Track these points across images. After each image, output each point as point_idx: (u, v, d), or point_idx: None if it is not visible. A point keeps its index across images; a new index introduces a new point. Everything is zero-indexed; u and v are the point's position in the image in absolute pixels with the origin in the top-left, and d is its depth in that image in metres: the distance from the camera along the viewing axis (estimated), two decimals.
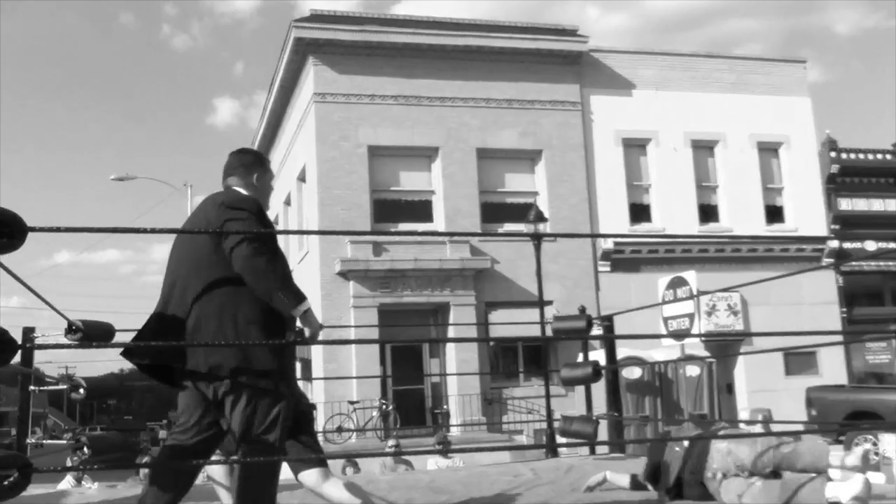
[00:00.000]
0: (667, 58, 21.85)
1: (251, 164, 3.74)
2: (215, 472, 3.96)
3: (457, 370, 17.93)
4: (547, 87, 20.35)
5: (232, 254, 3.26)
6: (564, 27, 21.37)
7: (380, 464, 9.72)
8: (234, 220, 3.36)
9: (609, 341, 7.96)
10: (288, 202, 23.65)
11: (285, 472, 3.68)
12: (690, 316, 12.44)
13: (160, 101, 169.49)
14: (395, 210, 19.36)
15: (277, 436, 3.31)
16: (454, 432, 17.56)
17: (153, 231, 3.35)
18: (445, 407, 18.50)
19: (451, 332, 18.36)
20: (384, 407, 17.34)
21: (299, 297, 3.28)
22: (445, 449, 9.38)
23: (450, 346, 18.71)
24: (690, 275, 13.01)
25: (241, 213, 3.39)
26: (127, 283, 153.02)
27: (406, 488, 5.16)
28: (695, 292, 12.04)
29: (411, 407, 18.20)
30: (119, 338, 4.68)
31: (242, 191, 3.62)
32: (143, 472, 11.88)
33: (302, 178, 21.08)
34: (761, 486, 4.09)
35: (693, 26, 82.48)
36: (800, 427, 13.86)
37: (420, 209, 19.51)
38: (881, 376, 22.13)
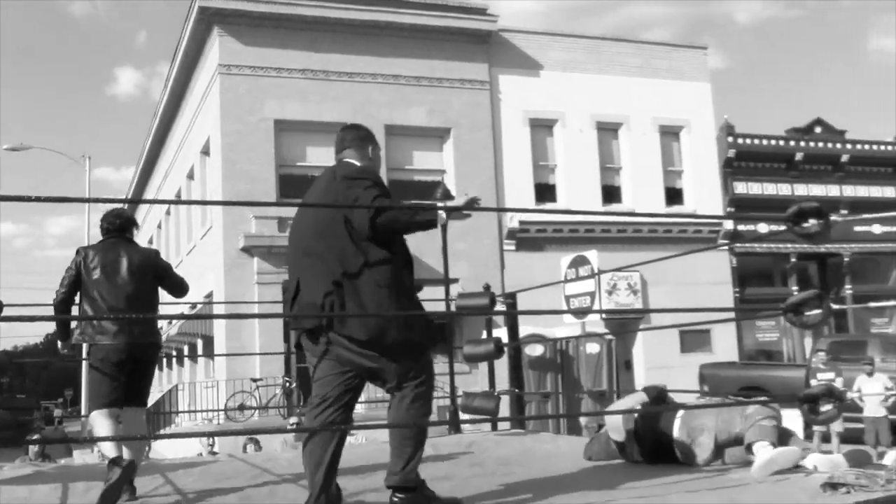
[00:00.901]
0: (574, 40, 22.14)
1: (365, 138, 4.07)
2: None
3: None
4: (456, 66, 20.37)
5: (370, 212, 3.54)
6: (474, 6, 21.39)
7: (281, 441, 9.66)
8: (360, 189, 3.62)
9: (511, 318, 8.06)
10: (191, 176, 23.07)
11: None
12: (591, 294, 12.73)
13: (58, 70, 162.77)
14: (301, 185, 19.00)
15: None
16: (359, 409, 17.56)
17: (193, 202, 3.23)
18: None
19: None
20: (287, 384, 17.18)
21: (432, 213, 3.71)
22: (347, 426, 9.37)
23: None
24: (592, 254, 13.30)
25: (365, 182, 3.67)
26: (23, 256, 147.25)
27: None
28: (595, 271, 12.32)
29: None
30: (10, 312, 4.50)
31: (357, 163, 3.90)
32: (33, 450, 11.50)
33: (206, 151, 20.60)
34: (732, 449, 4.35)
35: (601, 10, 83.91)
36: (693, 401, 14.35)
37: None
38: (770, 353, 23.19)
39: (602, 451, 4.88)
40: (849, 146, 24.35)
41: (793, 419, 12.76)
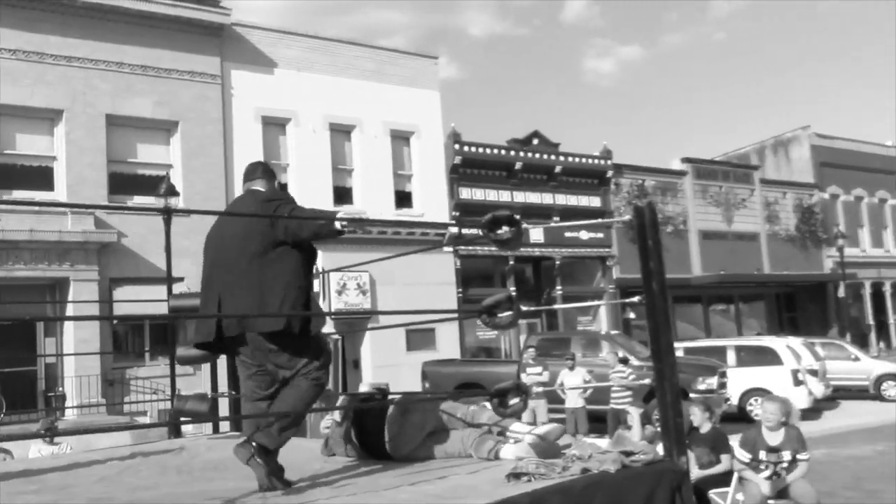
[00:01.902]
0: (309, 40, 22.14)
1: (272, 172, 4.57)
2: None
3: (75, 350, 16.78)
4: (185, 57, 19.65)
5: (288, 223, 3.99)
6: None
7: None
8: (282, 203, 4.08)
9: None
10: None
11: None
12: (316, 294, 12.81)
13: None
14: (8, 176, 17.57)
15: None
16: (70, 416, 16.46)
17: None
18: (61, 389, 17.24)
19: (70, 310, 17.11)
20: None
21: (332, 219, 4.04)
22: (52, 433, 8.80)
23: (68, 325, 17.42)
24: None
25: (287, 199, 4.18)
26: None
27: None
28: (320, 270, 12.42)
29: (20, 390, 16.69)
30: None
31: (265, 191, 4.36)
32: None
33: None
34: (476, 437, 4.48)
35: (341, 12, 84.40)
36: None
37: (39, 176, 17.91)
38: (490, 350, 24.59)
39: (340, 448, 4.92)
40: (562, 158, 26.33)
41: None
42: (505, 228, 4.26)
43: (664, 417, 4.14)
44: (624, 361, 14.21)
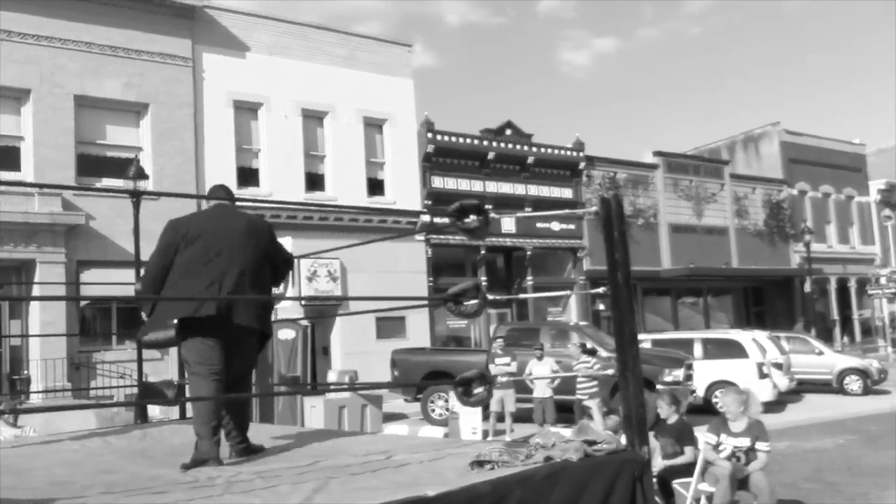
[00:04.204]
0: (282, 24, 21.98)
1: None
2: None
3: (41, 332, 16.59)
4: (157, 39, 19.44)
5: (287, 256, 4.95)
6: None
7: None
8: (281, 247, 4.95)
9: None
10: None
11: None
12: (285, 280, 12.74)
13: None
14: None
15: None
16: (35, 400, 16.28)
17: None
18: (26, 372, 17.05)
19: (36, 292, 16.89)
20: None
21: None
22: (14, 409, 8.71)
23: (34, 307, 17.22)
24: (286, 240, 13.32)
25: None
26: None
27: None
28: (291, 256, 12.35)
29: None
30: None
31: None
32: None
33: None
34: None
35: None
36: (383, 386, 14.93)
37: (5, 156, 17.64)
38: (460, 339, 24.64)
39: None
40: (534, 149, 26.38)
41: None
42: (472, 217, 4.27)
43: (627, 408, 4.18)
44: (591, 353, 14.29)
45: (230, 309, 4.43)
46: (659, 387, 14.17)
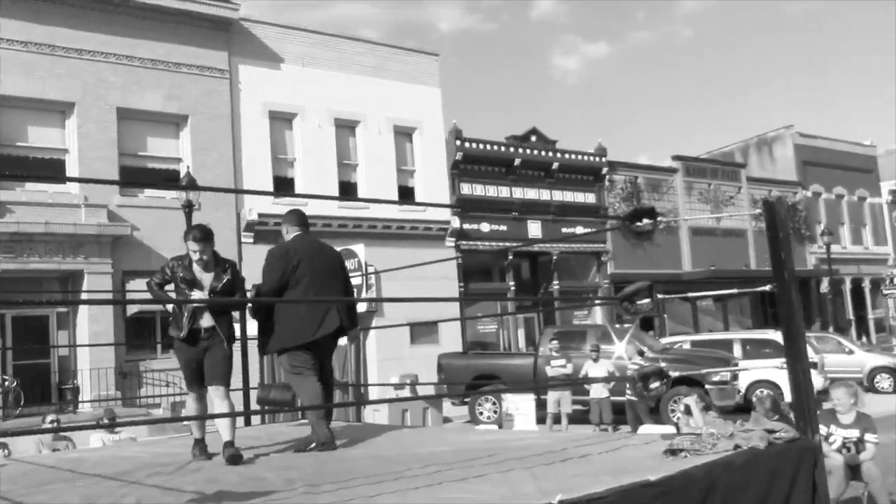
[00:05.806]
0: (313, 35, 22.25)
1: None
2: None
3: (89, 342, 16.80)
4: (195, 52, 19.71)
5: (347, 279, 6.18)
6: None
7: (36, 442, 8.94)
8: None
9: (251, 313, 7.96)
10: None
11: None
12: (356, 287, 12.95)
13: None
14: (21, 168, 17.52)
15: None
16: (86, 409, 16.49)
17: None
18: (75, 382, 17.26)
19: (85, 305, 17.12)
20: (5, 383, 15.77)
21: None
22: (113, 418, 8.94)
23: (81, 318, 17.45)
24: (359, 248, 13.51)
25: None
26: None
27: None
28: (362, 264, 12.57)
29: (36, 382, 16.69)
30: None
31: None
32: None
33: None
34: None
35: (310, 6, 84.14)
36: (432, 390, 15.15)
37: (51, 169, 17.88)
38: (487, 344, 24.86)
39: None
40: (559, 155, 26.67)
41: (525, 403, 13.92)
42: (645, 220, 4.53)
43: (797, 398, 4.44)
44: (641, 354, 14.55)
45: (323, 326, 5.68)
46: (707, 387, 14.41)
